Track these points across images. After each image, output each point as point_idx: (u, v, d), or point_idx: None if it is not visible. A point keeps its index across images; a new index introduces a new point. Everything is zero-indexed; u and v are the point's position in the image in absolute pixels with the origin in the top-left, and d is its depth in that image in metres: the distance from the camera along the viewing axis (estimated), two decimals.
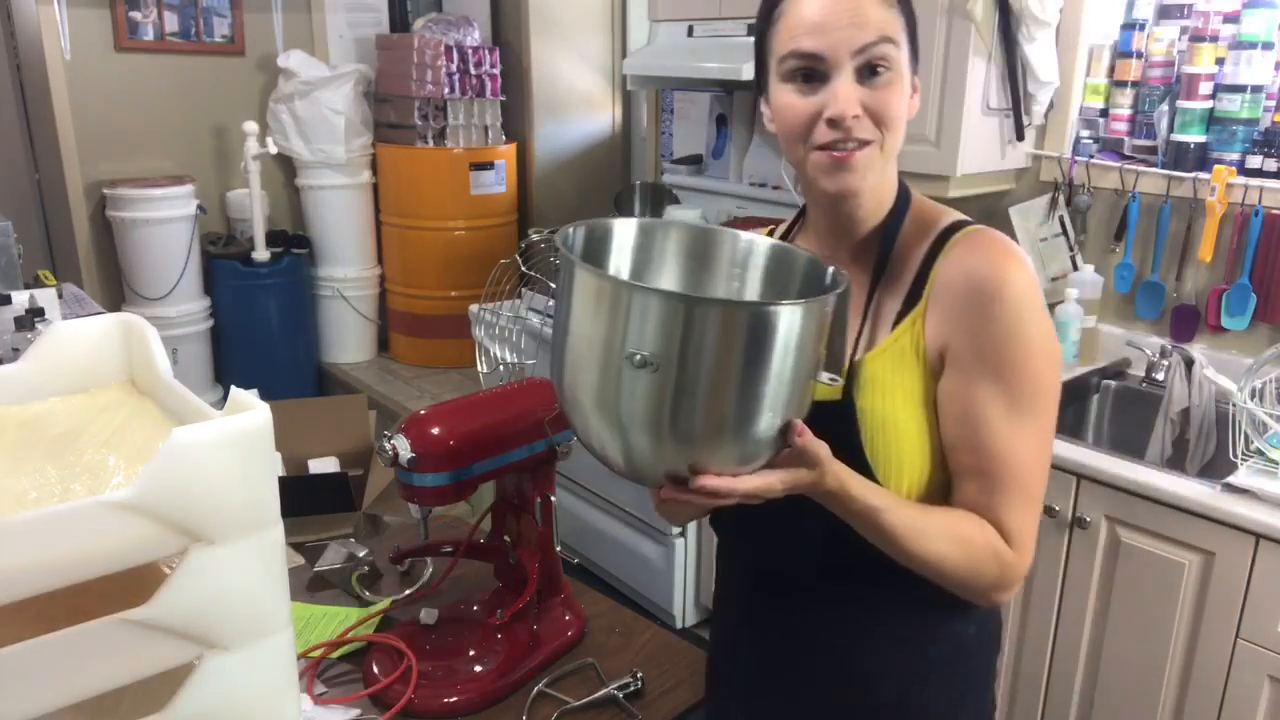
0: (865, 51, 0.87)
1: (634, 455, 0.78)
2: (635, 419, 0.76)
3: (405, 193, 3.55)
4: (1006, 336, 0.88)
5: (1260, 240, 2.06)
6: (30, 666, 0.63)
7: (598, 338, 0.76)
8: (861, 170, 0.91)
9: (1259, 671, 1.63)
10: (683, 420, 0.75)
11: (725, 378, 0.74)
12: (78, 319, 1.17)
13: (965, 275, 0.90)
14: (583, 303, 0.78)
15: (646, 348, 0.73)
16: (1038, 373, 0.89)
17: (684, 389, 0.73)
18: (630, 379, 0.74)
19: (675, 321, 0.73)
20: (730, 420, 0.75)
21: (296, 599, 1.31)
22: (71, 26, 3.13)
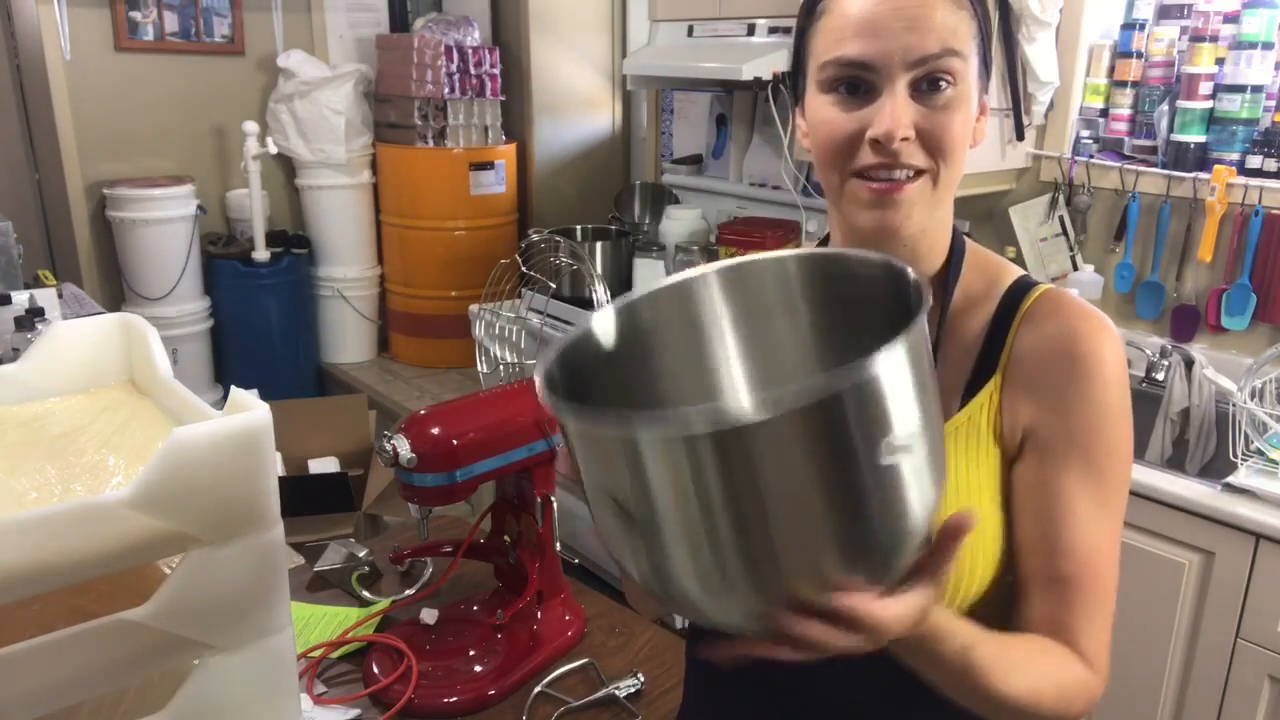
0: (925, 64, 0.72)
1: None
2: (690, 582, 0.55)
3: (405, 193, 3.55)
4: (1104, 418, 0.76)
5: (1260, 240, 2.06)
6: (30, 666, 0.63)
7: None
8: (908, 207, 0.75)
9: (1259, 671, 1.63)
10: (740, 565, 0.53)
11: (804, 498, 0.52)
12: (78, 319, 1.17)
13: (1056, 347, 0.76)
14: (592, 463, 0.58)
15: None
16: (1127, 460, 0.78)
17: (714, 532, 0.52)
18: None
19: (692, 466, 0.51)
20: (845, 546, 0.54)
21: (296, 599, 1.31)
22: (71, 26, 3.13)
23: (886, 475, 0.53)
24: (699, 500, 0.51)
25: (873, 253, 0.67)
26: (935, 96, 0.73)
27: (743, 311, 0.72)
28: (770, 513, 0.51)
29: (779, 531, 0.52)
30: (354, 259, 3.69)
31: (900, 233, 0.77)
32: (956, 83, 0.74)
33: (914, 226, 0.77)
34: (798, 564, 0.53)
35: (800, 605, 0.54)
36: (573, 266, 2.74)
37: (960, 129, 0.75)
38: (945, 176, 0.76)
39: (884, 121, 0.72)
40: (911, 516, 0.55)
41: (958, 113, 0.74)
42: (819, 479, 0.51)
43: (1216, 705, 1.70)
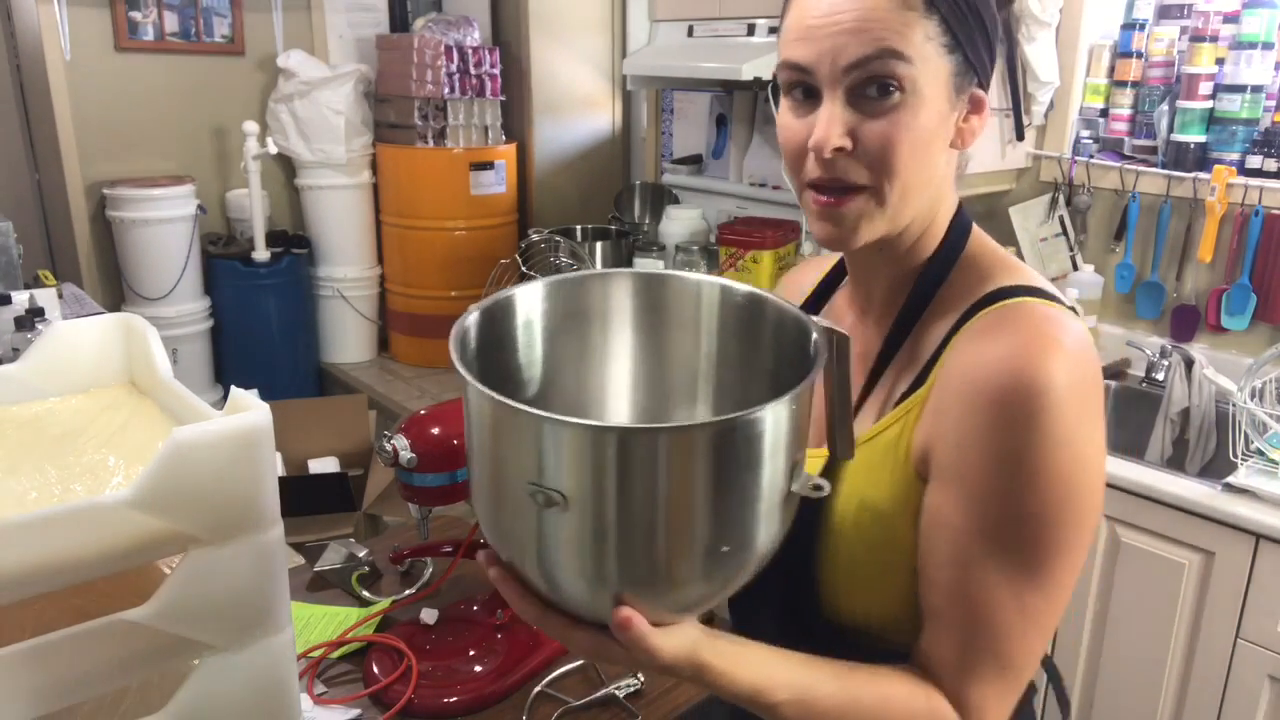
0: (860, 67, 0.68)
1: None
2: (530, 559, 0.64)
3: (405, 193, 3.55)
4: (1011, 458, 0.67)
5: (1260, 240, 2.06)
6: (30, 666, 0.63)
7: (495, 466, 0.62)
8: (852, 222, 0.72)
9: (1259, 671, 1.63)
10: (602, 565, 0.60)
11: (642, 514, 0.58)
12: (78, 319, 1.17)
13: (974, 368, 0.69)
14: (475, 423, 0.63)
15: (551, 483, 0.57)
16: (1045, 511, 0.67)
17: (599, 530, 0.59)
18: (525, 514, 0.60)
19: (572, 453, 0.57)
20: (658, 564, 0.60)
21: (296, 599, 1.31)
22: (71, 26, 3.13)
23: (700, 516, 0.59)
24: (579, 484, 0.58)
25: (791, 306, 0.69)
26: (876, 104, 0.69)
27: (651, 320, 0.76)
28: (604, 513, 0.58)
29: (612, 533, 0.59)
30: (354, 259, 3.69)
31: (848, 245, 0.74)
32: (904, 88, 0.68)
33: (863, 241, 0.73)
34: (652, 568, 0.60)
35: (594, 613, 0.63)
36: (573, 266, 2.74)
37: (907, 138, 0.69)
38: (891, 193, 0.71)
39: (817, 131, 0.70)
40: (702, 561, 0.61)
41: (903, 121, 0.69)
42: (650, 496, 0.57)
43: (1216, 705, 1.70)
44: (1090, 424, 0.68)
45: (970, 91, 0.74)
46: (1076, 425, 0.67)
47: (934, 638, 0.72)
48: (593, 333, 0.76)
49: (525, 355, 0.74)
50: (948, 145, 0.74)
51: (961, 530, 0.69)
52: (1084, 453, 0.68)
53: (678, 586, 0.62)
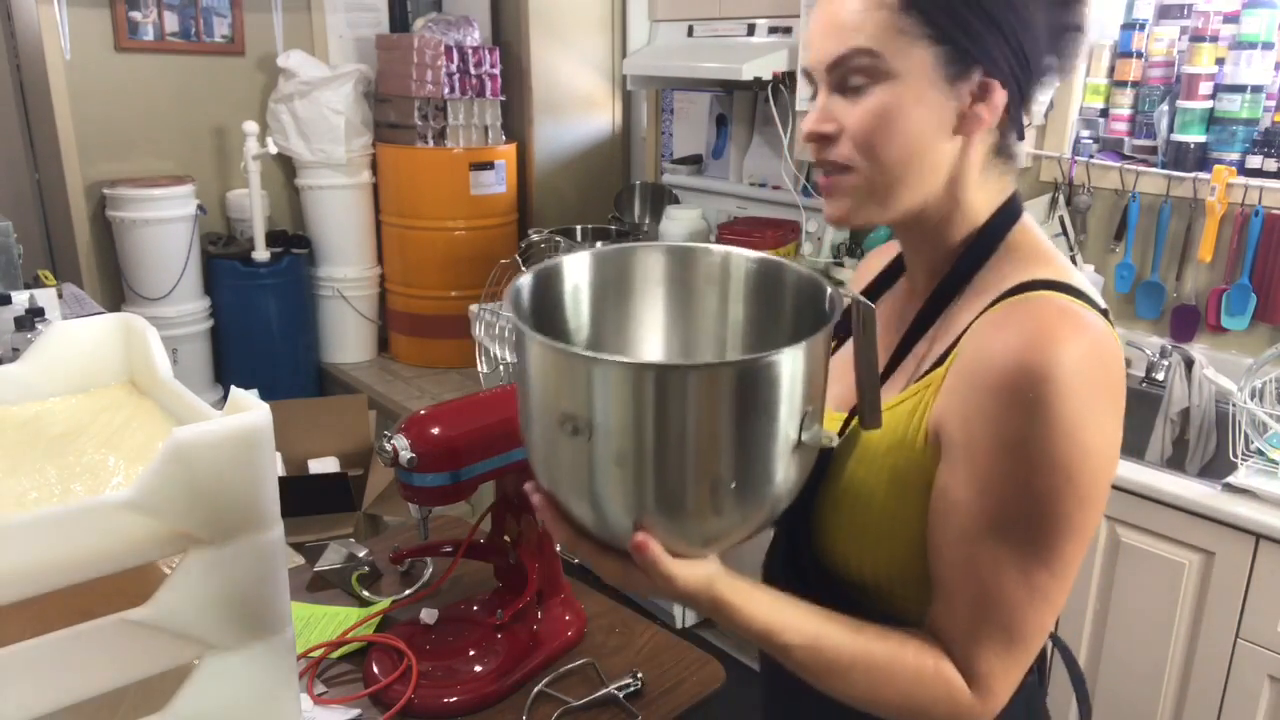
0: (837, 66, 0.76)
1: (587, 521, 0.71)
2: (566, 485, 0.70)
3: (405, 193, 3.55)
4: (1015, 442, 0.70)
5: (1260, 240, 2.06)
6: (30, 666, 0.63)
7: (537, 399, 0.70)
8: (841, 200, 0.79)
9: (1259, 671, 1.63)
10: (614, 491, 0.67)
11: (654, 444, 0.64)
12: (78, 319, 1.17)
13: (986, 352, 0.72)
14: (529, 366, 0.70)
15: (584, 414, 0.65)
16: (1050, 495, 0.70)
17: (620, 458, 0.65)
18: (565, 443, 0.67)
19: (595, 385, 0.64)
20: (667, 496, 0.66)
21: (296, 599, 1.31)
22: (71, 26, 3.13)
23: (710, 450, 0.65)
24: (618, 419, 0.64)
25: (809, 272, 0.78)
26: (854, 94, 0.76)
27: (684, 289, 0.85)
28: (627, 441, 0.65)
29: (632, 461, 0.65)
30: (354, 259, 3.69)
31: (845, 223, 0.81)
32: (878, 81, 0.75)
33: (860, 218, 0.80)
34: (662, 496, 0.66)
35: (616, 539, 0.69)
36: None
37: (882, 123, 0.75)
38: (877, 173, 0.77)
39: (805, 120, 0.80)
40: (711, 494, 0.67)
41: (876, 107, 0.75)
42: (669, 428, 0.64)
43: (1216, 705, 1.70)
44: (1100, 414, 0.71)
45: (974, 80, 0.75)
46: (1083, 413, 0.69)
47: (943, 608, 0.76)
48: (633, 299, 0.84)
49: (574, 319, 0.83)
50: (949, 133, 0.77)
51: (969, 509, 0.72)
52: (1089, 441, 0.70)
53: (689, 517, 0.68)
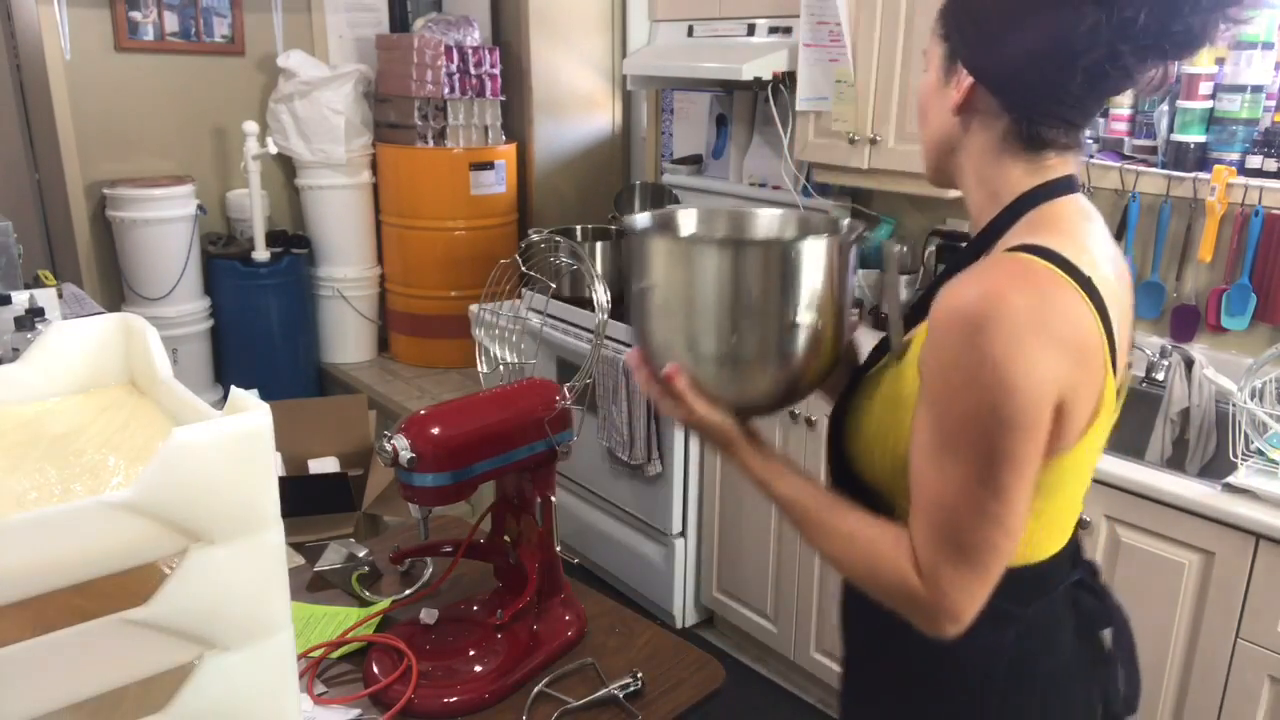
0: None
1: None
2: (635, 328, 0.99)
3: (405, 193, 3.55)
4: (949, 366, 0.81)
5: (1260, 240, 2.06)
6: (30, 666, 0.63)
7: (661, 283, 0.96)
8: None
9: (1259, 671, 1.63)
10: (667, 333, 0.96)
11: (686, 302, 0.93)
12: (78, 319, 1.17)
13: (947, 298, 0.83)
14: (634, 258, 0.97)
15: (644, 276, 0.95)
16: (975, 417, 0.80)
17: (664, 307, 0.94)
18: (638, 301, 0.95)
19: (653, 255, 0.94)
20: (694, 339, 0.93)
21: (296, 599, 1.31)
22: (71, 26, 3.13)
23: (772, 324, 0.92)
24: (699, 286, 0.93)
25: (828, 215, 1.04)
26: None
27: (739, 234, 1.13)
28: (712, 302, 0.91)
29: (709, 313, 0.92)
30: (354, 259, 3.69)
31: (926, 173, 1.01)
32: (927, 62, 0.96)
33: (927, 170, 1.00)
34: (689, 339, 0.94)
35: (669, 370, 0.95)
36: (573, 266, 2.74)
37: (923, 94, 0.98)
38: (922, 132, 0.99)
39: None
40: (717, 344, 0.93)
41: (923, 83, 0.98)
42: (743, 295, 0.91)
43: (1216, 705, 1.70)
44: (1032, 355, 0.79)
45: (958, 73, 0.92)
46: (1012, 350, 0.79)
47: (912, 517, 0.88)
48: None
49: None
50: (950, 110, 0.93)
51: (922, 425, 0.86)
52: (1014, 376, 0.79)
53: (703, 360, 0.94)
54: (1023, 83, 0.88)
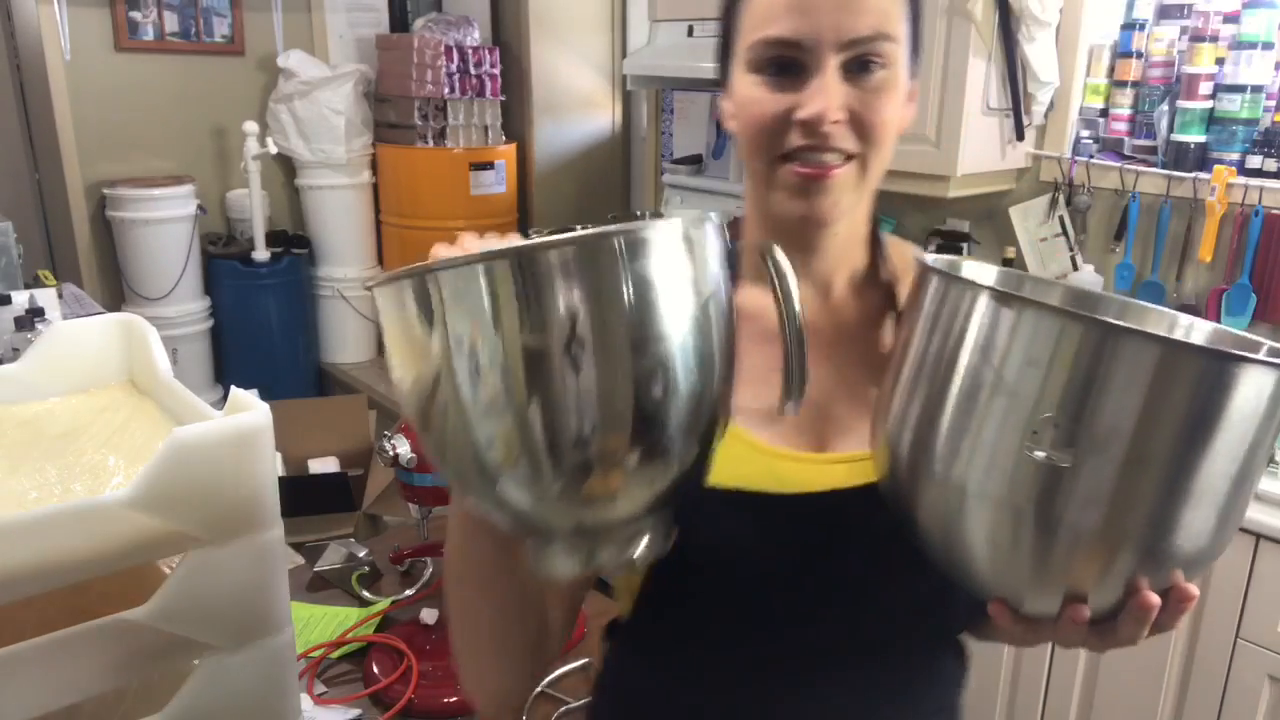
0: (856, 46, 0.70)
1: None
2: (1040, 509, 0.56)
3: (405, 193, 3.55)
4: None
5: (1260, 240, 2.06)
6: (30, 666, 0.63)
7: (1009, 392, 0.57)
8: (837, 193, 0.73)
9: (1259, 671, 1.63)
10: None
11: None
12: (78, 319, 1.17)
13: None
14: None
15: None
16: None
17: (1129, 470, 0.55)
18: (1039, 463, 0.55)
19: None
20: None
21: (296, 599, 1.31)
22: (71, 26, 3.13)
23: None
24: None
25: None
26: (867, 79, 0.71)
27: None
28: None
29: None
30: (354, 259, 3.69)
31: (828, 221, 0.74)
32: (888, 66, 0.71)
33: (840, 214, 0.75)
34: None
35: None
36: None
37: (890, 114, 0.72)
38: (874, 162, 0.74)
39: (816, 102, 0.70)
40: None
41: (889, 97, 0.72)
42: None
43: (1216, 705, 1.70)
44: None
45: (911, 81, 0.77)
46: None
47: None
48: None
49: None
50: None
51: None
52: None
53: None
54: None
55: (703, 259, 0.58)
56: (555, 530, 0.60)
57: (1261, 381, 0.54)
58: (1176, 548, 0.56)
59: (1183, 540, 0.56)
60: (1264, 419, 0.55)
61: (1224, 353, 0.54)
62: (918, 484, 0.63)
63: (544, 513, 0.58)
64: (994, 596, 0.61)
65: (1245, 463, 0.56)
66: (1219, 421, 0.54)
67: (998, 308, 0.58)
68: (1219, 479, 0.56)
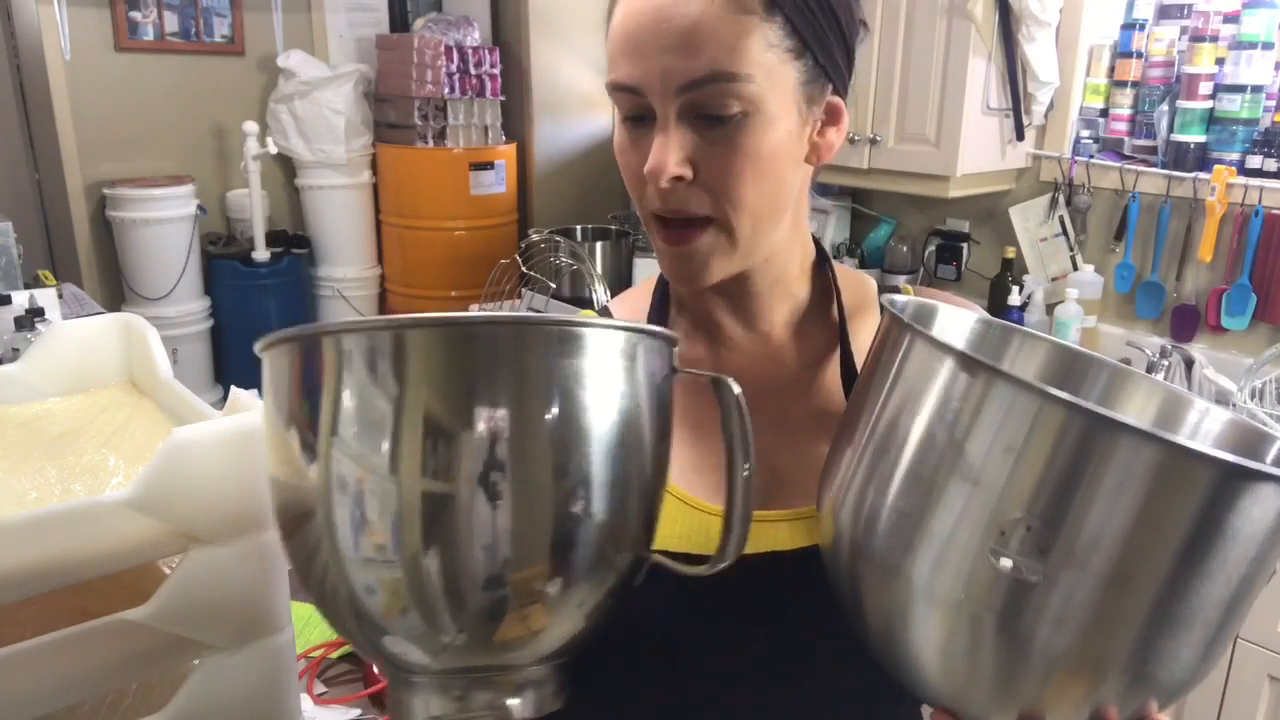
0: (691, 90, 0.60)
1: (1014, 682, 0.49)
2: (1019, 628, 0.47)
3: (405, 193, 3.55)
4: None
5: (1260, 240, 2.06)
6: (30, 666, 0.63)
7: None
8: (701, 259, 0.65)
9: (1259, 671, 1.64)
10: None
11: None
12: (78, 319, 1.17)
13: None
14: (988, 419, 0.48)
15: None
16: None
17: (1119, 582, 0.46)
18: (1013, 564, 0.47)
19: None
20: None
21: (296, 599, 1.31)
22: (71, 26, 3.13)
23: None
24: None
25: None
26: (716, 128, 0.61)
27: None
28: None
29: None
30: (354, 259, 3.69)
31: (699, 282, 0.66)
32: (744, 107, 0.61)
33: (713, 276, 0.66)
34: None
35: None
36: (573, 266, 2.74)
37: (751, 164, 0.62)
38: (740, 221, 0.64)
39: (651, 157, 0.62)
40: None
41: (746, 145, 0.61)
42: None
43: (1216, 705, 1.70)
44: None
45: (825, 100, 0.66)
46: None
47: None
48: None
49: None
50: (801, 161, 0.67)
51: None
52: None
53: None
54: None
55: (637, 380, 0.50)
56: (434, 670, 0.51)
57: (1277, 498, 0.45)
58: (1155, 677, 0.48)
59: (1164, 670, 0.48)
60: (1271, 536, 0.46)
61: (1237, 465, 0.44)
62: (861, 569, 0.54)
63: (436, 657, 0.50)
64: (938, 703, 0.53)
65: (1243, 585, 0.48)
66: (1222, 539, 0.45)
67: (964, 376, 0.49)
68: (1213, 604, 0.47)
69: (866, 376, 0.58)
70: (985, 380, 0.48)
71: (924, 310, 0.65)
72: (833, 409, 0.72)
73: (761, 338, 0.74)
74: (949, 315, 0.67)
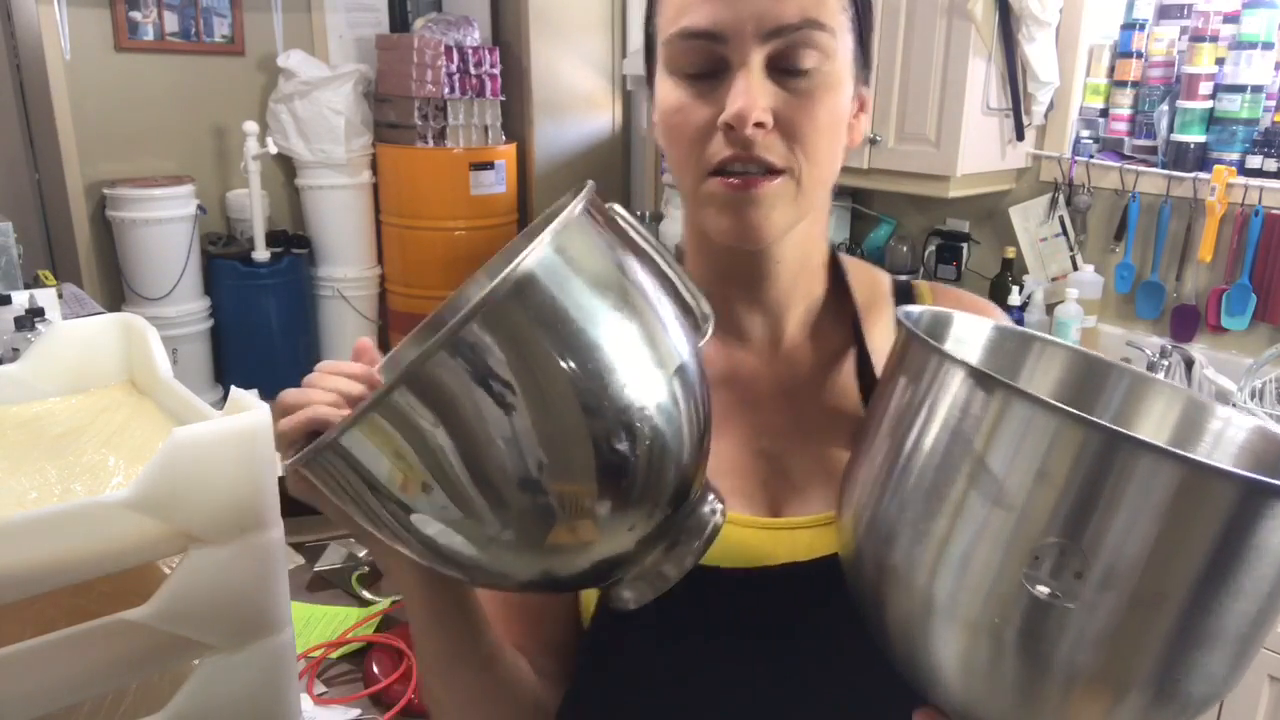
0: (782, 35, 0.60)
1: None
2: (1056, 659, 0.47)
3: (405, 193, 3.55)
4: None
5: (1260, 240, 2.06)
6: (30, 666, 0.63)
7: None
8: (767, 207, 0.63)
9: (1259, 671, 1.63)
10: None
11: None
12: (78, 319, 1.17)
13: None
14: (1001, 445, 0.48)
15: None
16: None
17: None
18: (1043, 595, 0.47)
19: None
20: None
21: (296, 599, 1.31)
22: (71, 26, 3.13)
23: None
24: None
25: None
26: (797, 79, 0.61)
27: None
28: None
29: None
30: (354, 259, 3.69)
31: (760, 239, 0.64)
32: (823, 63, 0.61)
33: (775, 232, 0.65)
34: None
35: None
36: None
37: (827, 119, 0.62)
38: (809, 176, 0.63)
39: (736, 101, 0.60)
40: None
41: (824, 99, 0.62)
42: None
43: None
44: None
45: (860, 87, 0.67)
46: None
47: None
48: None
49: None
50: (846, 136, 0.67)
51: None
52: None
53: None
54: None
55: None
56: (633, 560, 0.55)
57: None
58: (1185, 691, 0.48)
59: (1193, 684, 0.48)
60: None
61: (1262, 483, 0.44)
62: (884, 586, 0.54)
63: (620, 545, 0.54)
64: (959, 714, 0.53)
65: (1271, 599, 0.47)
66: (1251, 555, 0.45)
67: (981, 395, 0.49)
68: (1243, 619, 0.47)
69: (884, 389, 0.58)
70: (1002, 399, 0.48)
71: (939, 320, 0.65)
72: (848, 412, 0.71)
73: (778, 338, 0.73)
74: (965, 324, 0.66)
